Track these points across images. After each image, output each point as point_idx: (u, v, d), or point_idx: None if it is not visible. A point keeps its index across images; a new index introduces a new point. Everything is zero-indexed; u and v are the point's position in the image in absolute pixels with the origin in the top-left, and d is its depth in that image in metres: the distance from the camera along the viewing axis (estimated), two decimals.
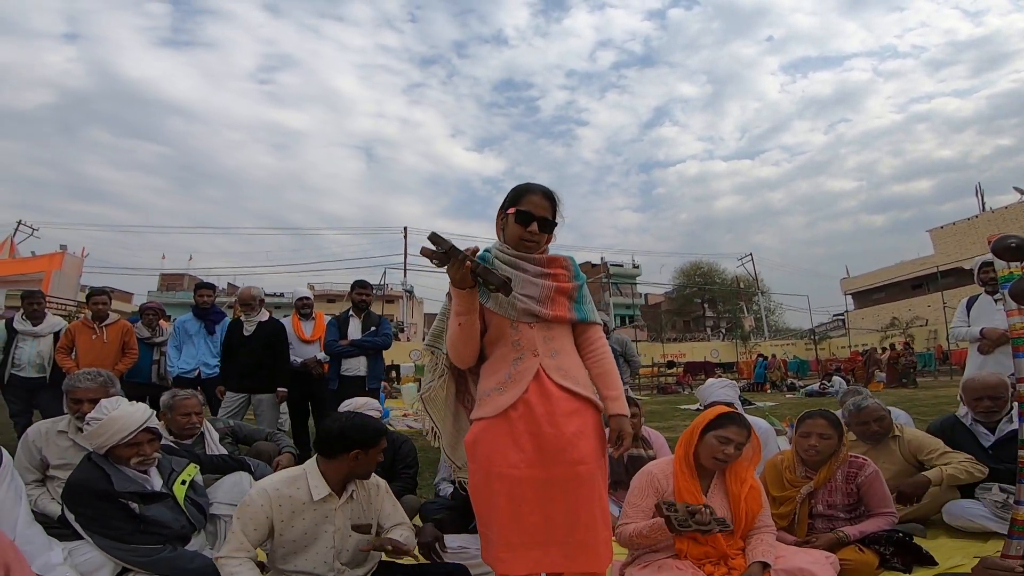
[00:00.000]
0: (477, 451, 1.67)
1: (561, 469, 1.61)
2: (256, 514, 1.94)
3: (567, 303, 1.76)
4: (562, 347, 1.74)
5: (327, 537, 2.03)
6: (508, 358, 1.70)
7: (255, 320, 4.67)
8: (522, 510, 1.59)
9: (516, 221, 1.73)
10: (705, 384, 3.68)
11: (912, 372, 16.76)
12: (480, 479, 1.66)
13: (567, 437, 1.62)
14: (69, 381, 2.70)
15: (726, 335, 37.30)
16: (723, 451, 2.20)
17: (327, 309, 34.10)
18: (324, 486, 2.02)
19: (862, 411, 3.03)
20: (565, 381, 1.68)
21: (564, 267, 1.80)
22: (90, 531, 2.09)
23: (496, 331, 1.72)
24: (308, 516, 2.00)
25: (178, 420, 2.96)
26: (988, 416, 2.93)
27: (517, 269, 1.72)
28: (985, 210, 31.09)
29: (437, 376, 1.83)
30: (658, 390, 19.60)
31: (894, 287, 34.73)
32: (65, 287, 17.01)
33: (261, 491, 1.99)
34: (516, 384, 1.66)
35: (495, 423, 1.65)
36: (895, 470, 2.90)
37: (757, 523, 2.26)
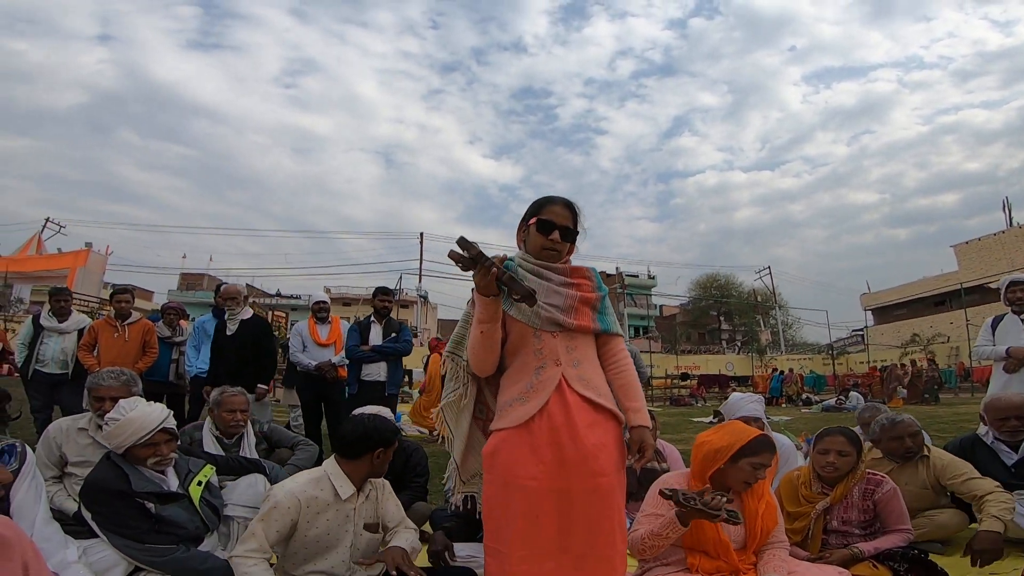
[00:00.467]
0: (496, 461, 1.65)
1: (581, 481, 1.60)
2: (283, 516, 1.96)
3: (590, 313, 1.77)
4: (584, 357, 1.74)
5: (347, 536, 2.06)
6: (530, 367, 1.70)
7: (237, 318, 4.62)
8: (540, 522, 1.58)
9: (538, 230, 1.75)
10: (731, 399, 3.62)
11: (936, 388, 16.42)
12: (497, 490, 1.65)
13: (588, 449, 1.61)
14: (92, 379, 2.75)
15: (741, 348, 36.91)
16: (756, 476, 2.15)
17: (343, 312, 34.26)
18: (349, 485, 2.07)
19: (897, 425, 2.89)
20: (587, 391, 1.68)
21: (588, 278, 1.81)
22: (106, 530, 2.11)
23: (518, 339, 1.72)
24: (331, 516, 2.04)
25: (223, 417, 3.02)
26: (1014, 435, 2.86)
27: (541, 278, 1.73)
28: (1012, 225, 30.40)
29: (460, 384, 1.83)
30: (671, 402, 19.43)
31: (916, 303, 34.08)
32: (89, 284, 17.39)
33: (289, 494, 2.01)
34: (538, 394, 1.66)
35: (516, 433, 1.64)
36: (916, 492, 2.81)
37: (771, 539, 2.23)
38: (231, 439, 3.04)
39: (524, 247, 1.83)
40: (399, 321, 5.26)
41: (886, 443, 2.93)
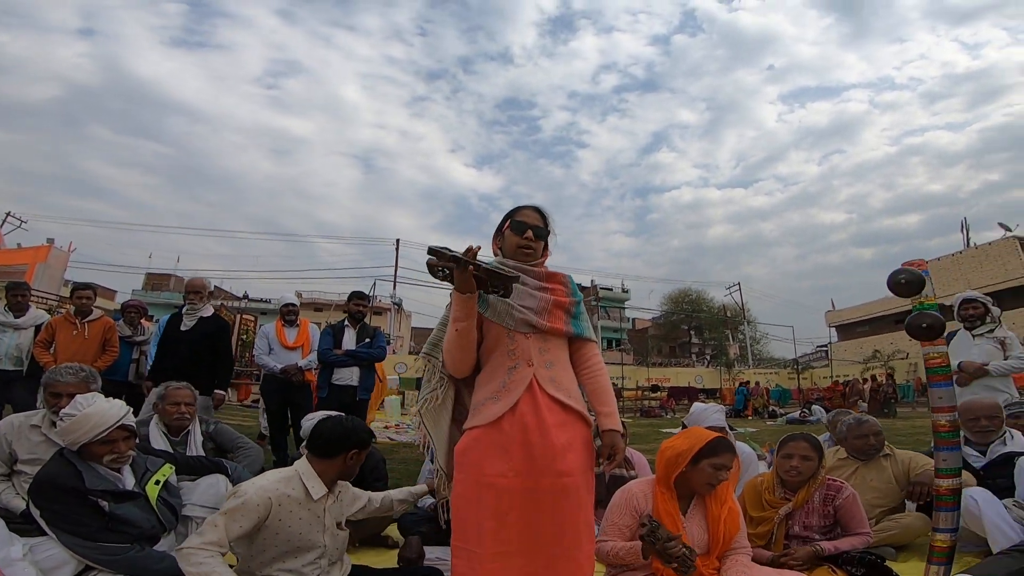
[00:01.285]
0: (466, 459, 1.67)
1: (548, 480, 1.62)
2: (250, 513, 1.91)
3: (564, 317, 1.81)
4: (557, 359, 1.77)
5: (319, 536, 2.04)
6: (503, 367, 1.72)
7: (197, 314, 4.44)
8: (509, 520, 1.59)
9: (512, 231, 1.82)
10: (694, 409, 3.67)
11: (893, 402, 16.94)
12: (467, 488, 1.65)
13: (556, 448, 1.63)
14: (50, 375, 2.66)
15: (711, 362, 37.48)
16: (718, 477, 2.21)
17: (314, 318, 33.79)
18: (321, 485, 2.06)
19: (863, 424, 3.15)
20: (557, 393, 1.71)
21: (562, 283, 1.87)
22: (55, 527, 2.05)
23: (493, 340, 1.76)
24: (304, 515, 2.01)
25: (167, 410, 2.93)
26: (984, 436, 3.05)
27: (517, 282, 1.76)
28: (970, 246, 31.66)
29: (435, 384, 1.83)
30: (641, 413, 19.59)
31: (878, 321, 35.11)
32: (49, 281, 16.77)
33: (261, 491, 1.95)
34: (510, 393, 1.68)
35: (487, 432, 1.66)
36: (884, 488, 2.96)
37: (733, 544, 2.26)
38: (177, 435, 2.95)
39: (500, 254, 1.88)
40: (375, 328, 5.21)
41: (852, 441, 3.13)
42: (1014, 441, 3.03)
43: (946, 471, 1.66)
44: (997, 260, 29.43)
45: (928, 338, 1.64)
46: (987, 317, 4.17)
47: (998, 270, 29.09)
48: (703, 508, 2.28)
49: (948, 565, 1.67)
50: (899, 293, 1.69)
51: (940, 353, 1.69)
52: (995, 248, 30.01)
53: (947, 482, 1.66)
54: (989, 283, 27.44)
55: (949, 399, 1.68)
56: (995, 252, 29.86)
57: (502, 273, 1.57)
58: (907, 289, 1.66)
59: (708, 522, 2.25)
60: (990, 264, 29.64)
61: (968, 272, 30.02)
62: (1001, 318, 4.28)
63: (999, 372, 3.90)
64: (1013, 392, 3.92)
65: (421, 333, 42.41)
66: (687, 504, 2.30)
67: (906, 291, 1.65)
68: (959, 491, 1.68)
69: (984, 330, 4.11)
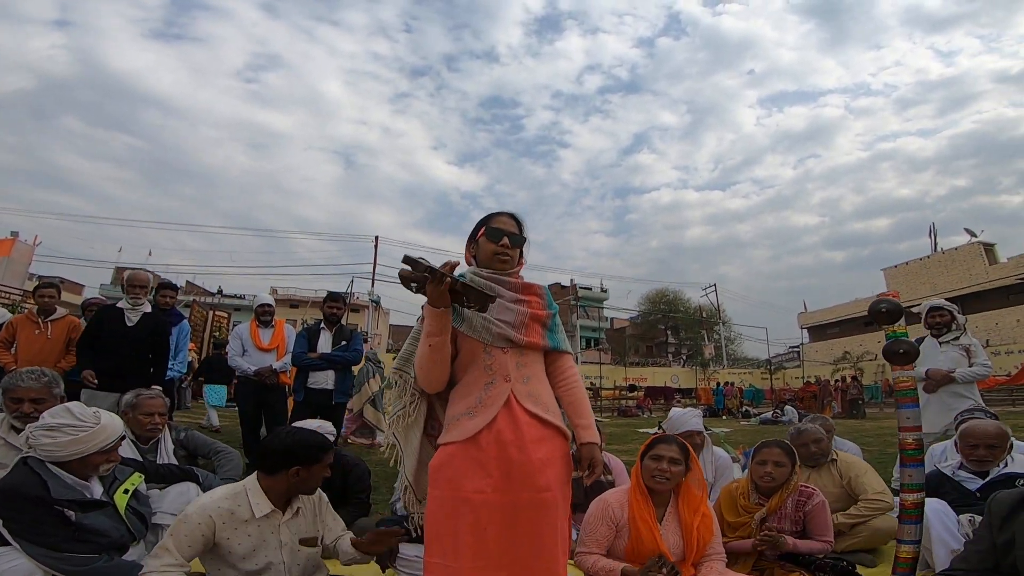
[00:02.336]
0: (440, 475, 1.64)
1: (527, 495, 1.61)
2: (192, 532, 1.89)
3: (541, 330, 1.78)
4: (534, 373, 1.75)
5: (275, 553, 1.98)
6: (480, 382, 1.69)
7: (141, 310, 4.20)
8: (487, 535, 1.58)
9: (488, 238, 1.78)
10: (673, 415, 3.69)
11: (861, 403, 17.38)
12: (443, 505, 1.62)
13: (535, 463, 1.62)
14: (10, 379, 2.56)
15: (687, 362, 38.04)
16: (658, 468, 2.30)
17: (290, 315, 33.11)
18: (266, 503, 1.99)
19: (802, 434, 3.21)
20: (535, 408, 1.69)
21: (538, 295, 1.84)
22: (19, 537, 1.97)
23: (468, 355, 1.72)
24: (253, 532, 1.96)
25: (140, 420, 2.86)
26: (981, 465, 2.72)
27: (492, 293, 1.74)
28: (937, 250, 32.68)
29: (407, 401, 1.79)
30: (619, 412, 19.79)
31: (848, 323, 36.04)
32: (12, 275, 16.25)
33: (200, 509, 1.93)
34: (487, 409, 1.65)
35: (464, 448, 1.63)
36: (832, 492, 3.01)
37: (708, 551, 2.31)
38: (147, 443, 2.89)
39: (475, 263, 1.85)
40: (351, 328, 5.15)
41: (797, 449, 3.13)
42: (1015, 462, 2.73)
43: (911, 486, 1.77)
44: (963, 265, 30.44)
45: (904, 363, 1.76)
46: (953, 324, 4.26)
47: (963, 275, 30.10)
48: (677, 515, 2.33)
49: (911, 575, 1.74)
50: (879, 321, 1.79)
51: (909, 377, 1.80)
52: (961, 253, 31.03)
53: (912, 496, 1.76)
54: (955, 287, 28.41)
55: (915, 419, 1.79)
56: (961, 257, 30.89)
57: (480, 291, 1.53)
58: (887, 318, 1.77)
59: (682, 529, 2.30)
60: (956, 268, 30.65)
61: (935, 276, 31.00)
62: (966, 325, 4.38)
63: (964, 379, 3.99)
64: (977, 398, 4.00)
65: (399, 331, 42.17)
66: (662, 512, 2.33)
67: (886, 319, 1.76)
68: (922, 504, 1.76)
69: (950, 337, 4.20)
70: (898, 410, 1.81)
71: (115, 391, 3.83)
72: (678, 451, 2.55)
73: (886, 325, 1.79)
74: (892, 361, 1.77)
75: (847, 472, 3.09)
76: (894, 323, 1.77)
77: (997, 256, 30.40)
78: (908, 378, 1.80)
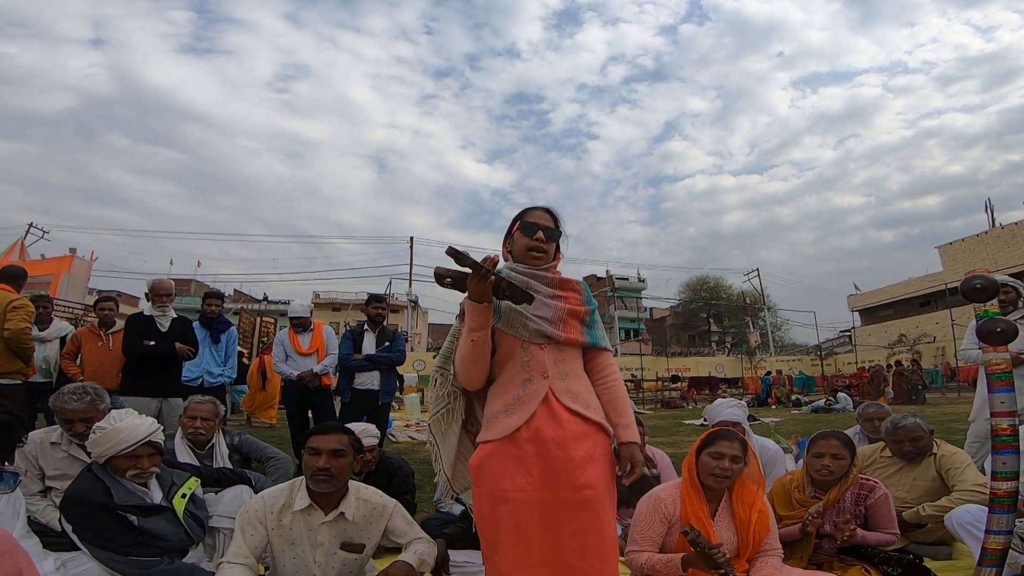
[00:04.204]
0: (482, 474, 1.63)
1: (568, 493, 1.58)
2: (252, 519, 1.97)
3: (579, 326, 1.76)
4: (572, 370, 1.72)
5: (308, 552, 2.01)
6: (517, 379, 1.68)
7: (169, 316, 4.35)
8: (528, 535, 1.56)
9: (522, 233, 1.76)
10: (714, 404, 3.63)
11: (921, 389, 16.61)
12: (485, 503, 1.63)
13: (576, 461, 1.59)
14: (56, 401, 2.63)
15: (731, 350, 37.15)
16: (719, 466, 2.20)
17: (332, 318, 33.87)
18: (306, 497, 2.02)
19: (899, 430, 2.98)
20: (575, 404, 1.66)
21: (576, 290, 1.80)
22: (87, 542, 2.08)
23: (506, 351, 1.71)
24: (293, 527, 2.00)
25: (184, 423, 2.98)
26: None
27: (529, 290, 1.71)
28: (995, 226, 30.92)
29: (449, 399, 1.80)
30: (662, 404, 19.49)
31: (902, 304, 34.52)
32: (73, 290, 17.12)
33: (258, 497, 2.05)
34: (525, 406, 1.64)
35: (502, 446, 1.62)
36: (926, 487, 2.86)
37: (764, 546, 2.24)
38: (202, 448, 2.99)
39: (511, 258, 1.83)
40: (393, 329, 5.22)
41: (890, 445, 3.03)
42: None
43: (1004, 474, 1.67)
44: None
45: (1001, 343, 1.66)
46: (1020, 302, 3.95)
47: None
48: (731, 511, 2.26)
49: (1000, 567, 1.64)
50: (972, 299, 1.68)
51: (1003, 359, 1.68)
52: (1021, 227, 29.26)
53: (1005, 485, 1.66)
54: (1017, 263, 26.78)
55: (1010, 404, 1.69)
56: (1021, 232, 29.12)
57: (520, 288, 1.53)
58: (981, 295, 1.66)
59: (737, 525, 2.23)
60: (1016, 244, 28.94)
61: (994, 252, 29.30)
62: None
63: None
64: None
65: (438, 330, 42.68)
66: (715, 507, 2.27)
67: (980, 296, 1.66)
68: (1015, 493, 1.66)
69: (1017, 315, 3.88)
70: (991, 394, 1.71)
71: (155, 396, 4.05)
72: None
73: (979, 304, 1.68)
74: (988, 341, 1.66)
75: (946, 464, 2.88)
76: (989, 301, 1.66)
77: None
78: (1003, 360, 1.68)
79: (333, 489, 2.04)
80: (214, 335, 4.99)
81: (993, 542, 1.67)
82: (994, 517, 1.68)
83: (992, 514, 1.69)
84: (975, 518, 2.38)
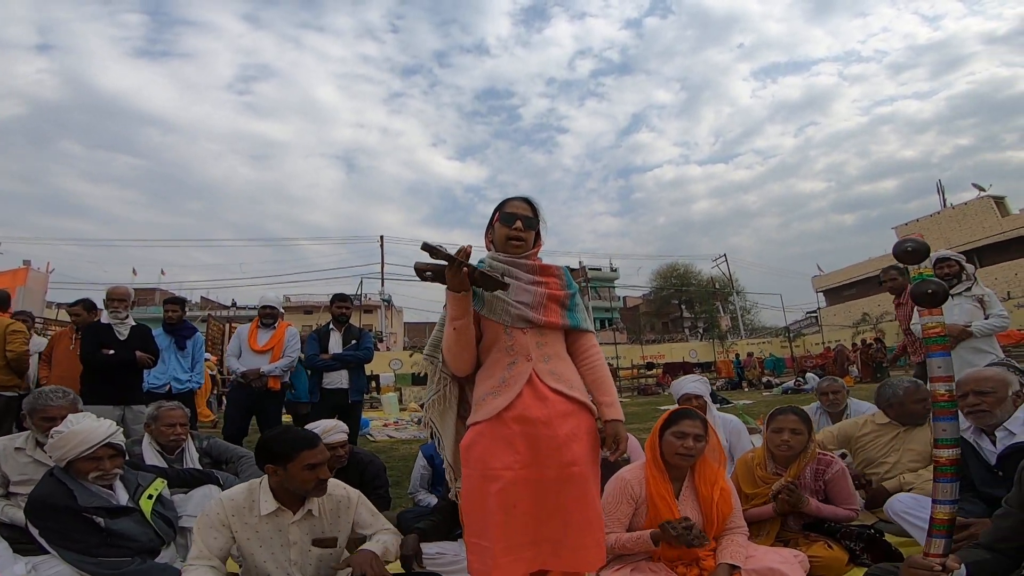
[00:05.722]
0: (471, 454, 1.67)
1: (554, 470, 1.63)
2: (212, 522, 1.95)
3: (559, 310, 1.81)
4: (555, 352, 1.78)
5: (282, 552, 2.00)
6: (502, 363, 1.73)
7: (127, 323, 4.25)
8: (516, 511, 1.61)
9: (501, 223, 1.82)
10: (676, 381, 3.73)
11: (885, 366, 17.16)
12: (474, 483, 1.66)
13: (561, 439, 1.64)
14: (38, 400, 2.64)
15: (704, 335, 37.77)
16: (683, 445, 2.26)
17: (304, 321, 33.24)
18: (272, 501, 2.00)
19: (920, 389, 3.01)
20: (559, 385, 1.72)
21: (556, 275, 1.87)
22: (55, 545, 2.06)
23: (491, 337, 1.77)
24: (261, 529, 1.99)
25: (163, 431, 2.93)
26: (977, 418, 2.39)
27: (510, 277, 1.76)
28: (946, 206, 32.09)
29: (440, 386, 1.84)
30: (638, 391, 19.74)
31: (864, 283, 35.45)
32: (31, 304, 16.44)
33: (217, 500, 2.02)
34: (510, 387, 1.69)
35: (490, 426, 1.66)
36: (923, 451, 2.94)
37: (728, 524, 2.29)
38: (172, 453, 2.96)
39: (492, 247, 1.88)
40: (360, 327, 5.17)
41: (910, 406, 3.02)
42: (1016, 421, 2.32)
43: (945, 441, 1.66)
44: (975, 218, 29.92)
45: (933, 304, 1.64)
46: (963, 275, 4.01)
47: (976, 228, 29.56)
48: (694, 490, 2.32)
49: (948, 539, 1.67)
50: (904, 261, 1.69)
51: (938, 322, 1.69)
52: (971, 207, 30.51)
53: (947, 452, 1.66)
54: (969, 240, 27.89)
55: (947, 368, 1.67)
56: (972, 211, 30.37)
57: (494, 277, 1.57)
58: (913, 257, 1.67)
59: (700, 503, 2.28)
60: (968, 223, 30.13)
61: (947, 232, 30.46)
62: (976, 275, 4.11)
63: (982, 332, 3.77)
64: (999, 352, 3.80)
65: (414, 328, 42.32)
66: (679, 487, 2.33)
67: (912, 259, 1.66)
68: (958, 461, 1.69)
69: (961, 288, 3.96)
70: (928, 358, 1.71)
71: (117, 404, 3.95)
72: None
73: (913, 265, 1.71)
74: (920, 303, 1.67)
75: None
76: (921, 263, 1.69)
77: (1009, 208, 29.80)
78: (937, 323, 1.70)
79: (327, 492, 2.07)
80: (179, 341, 4.87)
81: (940, 512, 1.69)
82: (939, 486, 1.70)
83: (937, 483, 1.72)
84: (908, 506, 2.50)
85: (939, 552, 1.65)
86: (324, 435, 2.91)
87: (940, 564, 1.63)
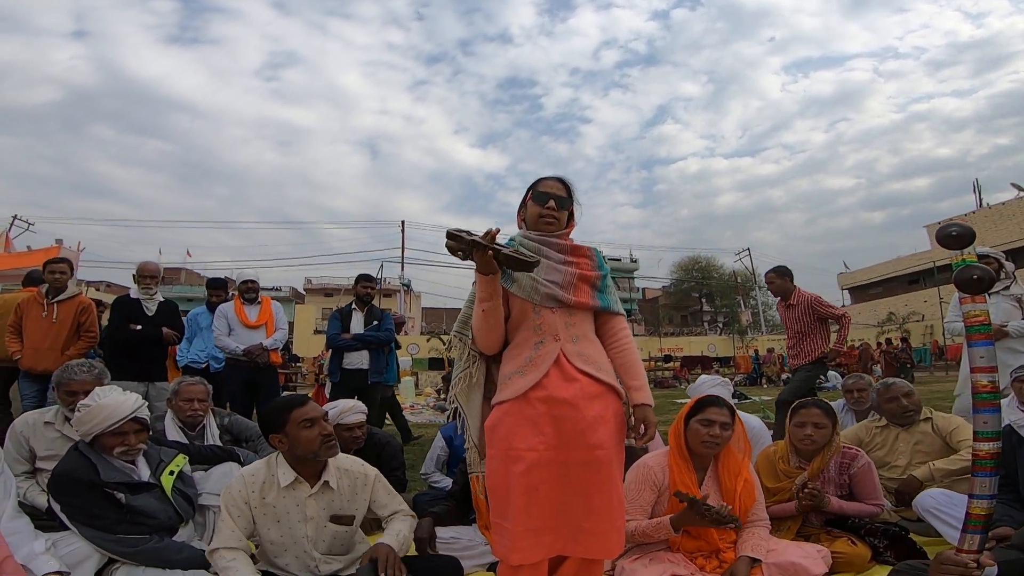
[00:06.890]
0: (496, 434, 1.65)
1: (579, 453, 1.60)
2: (236, 499, 1.95)
3: (590, 291, 1.78)
4: (583, 333, 1.75)
5: (299, 527, 2.01)
6: (530, 342, 1.71)
7: (155, 299, 4.25)
8: (538, 494, 1.58)
9: (534, 202, 1.80)
10: (697, 381, 3.66)
11: (909, 367, 16.78)
12: (498, 463, 1.64)
13: (587, 421, 1.61)
14: (63, 374, 2.65)
15: (723, 330, 37.33)
16: (709, 433, 2.22)
17: (325, 303, 33.76)
18: (289, 471, 2.00)
19: (890, 387, 3.02)
20: (587, 366, 1.68)
21: (588, 256, 1.84)
22: (75, 521, 2.07)
23: (519, 315, 1.74)
24: (280, 505, 1.99)
25: (181, 406, 2.96)
26: None
27: (541, 256, 1.73)
28: (982, 206, 31.07)
29: (468, 363, 1.82)
30: (655, 384, 19.62)
31: (891, 282, 34.70)
32: None
33: (239, 477, 2.02)
34: (537, 367, 1.66)
35: (516, 406, 1.64)
36: (934, 450, 2.86)
37: (751, 516, 2.26)
38: (193, 429, 2.98)
39: (525, 226, 1.86)
40: (383, 310, 5.19)
41: (884, 405, 3.02)
42: None
43: (986, 434, 1.58)
44: (1012, 219, 28.88)
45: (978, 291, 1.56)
46: (1001, 273, 3.87)
47: (1013, 229, 28.58)
48: (717, 480, 2.28)
49: (984, 534, 1.60)
50: (948, 246, 1.61)
51: (982, 311, 1.60)
52: (1009, 208, 29.43)
53: (987, 446, 1.58)
54: (1005, 241, 27.00)
55: (990, 359, 1.59)
56: (1009, 211, 29.30)
57: (521, 259, 1.55)
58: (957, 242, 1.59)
59: (723, 493, 2.25)
60: (1005, 223, 29.10)
61: (983, 231, 29.37)
62: (1015, 274, 3.99)
63: (1018, 333, 3.66)
64: None
65: (432, 313, 42.57)
66: (702, 476, 2.29)
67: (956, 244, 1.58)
68: (999, 455, 1.61)
69: (999, 287, 3.83)
70: (969, 347, 1.62)
71: (141, 380, 3.98)
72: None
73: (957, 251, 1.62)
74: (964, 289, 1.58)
75: (947, 426, 2.88)
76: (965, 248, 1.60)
77: None
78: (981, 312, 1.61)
79: (338, 452, 2.07)
80: None
81: (977, 507, 1.62)
82: (977, 480, 1.62)
83: (975, 477, 1.64)
84: (939, 502, 2.40)
85: (974, 548, 1.58)
86: (342, 415, 2.94)
87: (975, 560, 1.57)
